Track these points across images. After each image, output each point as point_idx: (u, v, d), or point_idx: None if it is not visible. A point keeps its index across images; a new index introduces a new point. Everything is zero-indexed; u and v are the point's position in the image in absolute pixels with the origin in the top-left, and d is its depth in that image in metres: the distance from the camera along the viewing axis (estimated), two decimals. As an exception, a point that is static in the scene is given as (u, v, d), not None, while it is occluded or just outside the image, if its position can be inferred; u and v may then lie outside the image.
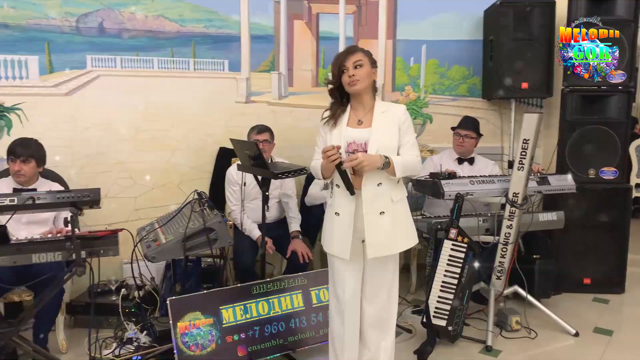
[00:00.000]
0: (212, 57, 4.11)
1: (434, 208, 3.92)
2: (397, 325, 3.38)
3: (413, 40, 4.47)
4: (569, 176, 3.51)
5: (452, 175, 3.39)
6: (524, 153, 3.15)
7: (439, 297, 3.17)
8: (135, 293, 3.48)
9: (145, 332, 3.15)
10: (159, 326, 3.10)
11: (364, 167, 2.27)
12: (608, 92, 3.96)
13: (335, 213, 2.43)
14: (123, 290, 3.54)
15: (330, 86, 2.47)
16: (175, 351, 2.70)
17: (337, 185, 2.42)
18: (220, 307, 2.82)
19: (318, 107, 4.00)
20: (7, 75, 3.69)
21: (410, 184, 3.78)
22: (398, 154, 2.39)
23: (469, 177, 3.42)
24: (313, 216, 3.80)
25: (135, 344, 3.08)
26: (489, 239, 3.36)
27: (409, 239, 2.51)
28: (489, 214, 3.45)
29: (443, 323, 3.16)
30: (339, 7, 4.32)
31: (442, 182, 3.28)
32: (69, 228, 2.47)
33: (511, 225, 3.29)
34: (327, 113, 2.49)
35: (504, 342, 3.28)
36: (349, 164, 2.28)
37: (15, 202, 2.41)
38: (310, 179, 3.87)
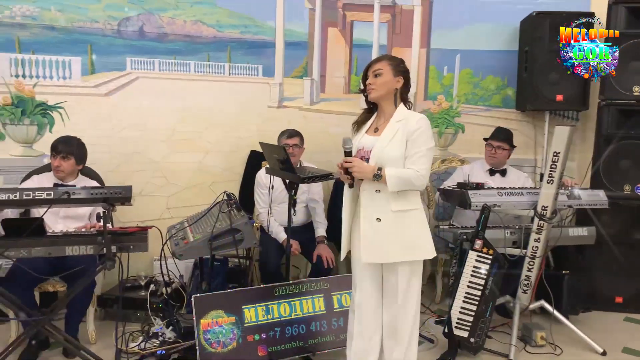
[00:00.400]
0: (246, 62, 4.20)
1: (462, 218, 3.89)
2: (420, 335, 3.38)
3: (447, 49, 4.46)
4: (601, 191, 3.45)
5: (480, 186, 3.37)
6: (554, 166, 3.10)
7: (462, 307, 3.15)
8: (164, 289, 3.58)
9: (170, 327, 3.24)
10: (185, 323, 3.18)
11: (353, 172, 2.35)
12: (646, 107, 3.87)
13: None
14: (152, 286, 3.64)
15: (364, 94, 2.53)
16: (197, 347, 2.77)
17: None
18: (242, 307, 2.88)
19: (349, 113, 4.08)
20: (52, 75, 3.87)
21: (437, 193, 3.78)
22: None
23: (497, 188, 3.39)
24: (339, 222, 3.81)
25: (160, 338, 3.17)
26: (516, 251, 3.32)
27: (408, 252, 2.37)
28: (517, 227, 3.41)
29: (465, 334, 3.13)
30: (373, 15, 4.36)
31: (470, 192, 3.25)
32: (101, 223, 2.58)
33: (539, 238, 3.24)
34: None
35: (527, 356, 3.22)
36: (344, 164, 2.36)
37: (52, 196, 2.52)
38: (338, 185, 3.90)
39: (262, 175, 3.70)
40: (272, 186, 3.52)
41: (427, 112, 4.48)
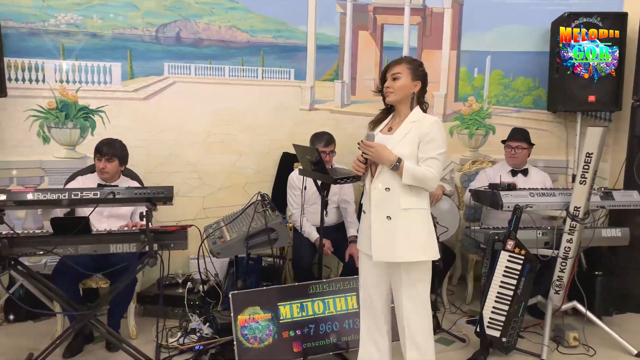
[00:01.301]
0: (279, 66, 4.30)
1: (490, 219, 3.91)
2: (451, 334, 3.43)
3: (477, 51, 4.48)
4: (635, 192, 3.43)
5: (511, 187, 3.39)
6: (586, 167, 3.11)
7: (494, 307, 3.17)
8: (200, 287, 3.69)
9: (207, 324, 3.35)
10: (221, 319, 3.28)
11: (372, 155, 2.37)
12: (681, 107, 3.82)
13: (363, 211, 2.57)
14: (189, 283, 3.77)
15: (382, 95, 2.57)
16: (234, 342, 2.86)
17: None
18: (278, 304, 2.96)
19: (379, 115, 4.12)
20: (94, 80, 4.04)
21: (468, 194, 3.81)
22: None
23: (529, 189, 3.40)
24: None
25: (198, 334, 3.28)
26: (548, 252, 3.33)
27: (414, 252, 2.35)
28: (549, 227, 3.41)
29: (497, 334, 3.15)
30: (403, 19, 4.41)
31: (502, 193, 3.28)
32: (144, 222, 2.69)
33: (571, 239, 3.24)
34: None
35: (559, 357, 3.23)
36: (363, 147, 2.38)
37: (98, 196, 2.64)
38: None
39: (294, 177, 3.79)
40: (305, 187, 3.59)
41: (457, 113, 4.51)
